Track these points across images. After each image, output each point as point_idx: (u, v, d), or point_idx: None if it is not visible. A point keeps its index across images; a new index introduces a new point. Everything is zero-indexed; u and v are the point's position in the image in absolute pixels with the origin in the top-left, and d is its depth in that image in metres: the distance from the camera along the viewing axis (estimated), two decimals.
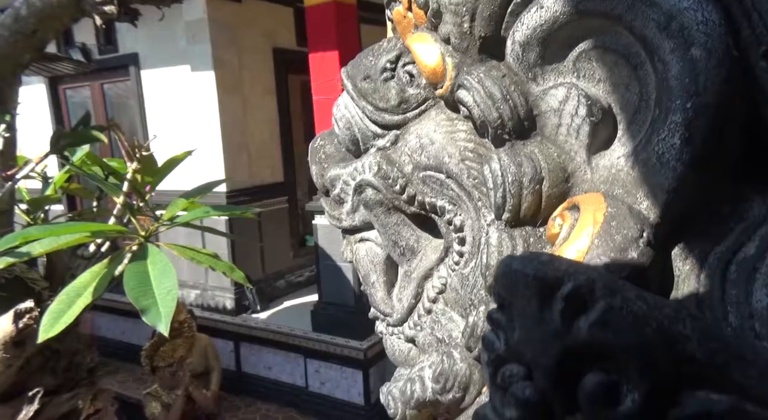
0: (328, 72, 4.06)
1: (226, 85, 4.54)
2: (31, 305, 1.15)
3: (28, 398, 1.23)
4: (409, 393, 0.64)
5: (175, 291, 1.14)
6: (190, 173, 3.24)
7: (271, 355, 4.56)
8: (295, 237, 5.43)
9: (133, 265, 1.17)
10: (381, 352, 4.18)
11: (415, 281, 0.68)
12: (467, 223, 0.64)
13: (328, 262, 4.27)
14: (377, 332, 0.77)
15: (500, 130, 0.59)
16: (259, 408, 4.44)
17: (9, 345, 1.15)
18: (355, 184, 0.75)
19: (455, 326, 0.63)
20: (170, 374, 3.69)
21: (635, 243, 0.49)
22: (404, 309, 0.69)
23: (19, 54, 1.23)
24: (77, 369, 1.40)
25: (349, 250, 0.81)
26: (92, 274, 1.21)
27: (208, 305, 4.87)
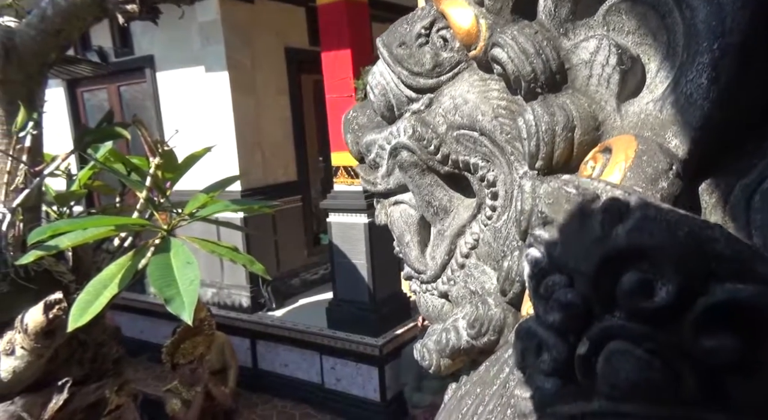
0: (340, 70, 4.09)
1: (240, 85, 4.59)
2: (59, 297, 1.19)
3: (58, 388, 1.27)
4: (444, 341, 0.66)
5: (197, 281, 1.16)
6: (205, 173, 3.29)
7: (287, 352, 4.60)
8: (309, 235, 5.47)
9: (156, 258, 1.20)
10: (396, 349, 4.20)
11: (448, 239, 0.70)
12: (500, 177, 0.66)
13: (342, 259, 4.29)
14: (410, 291, 0.79)
15: (533, 83, 0.62)
16: (276, 405, 4.48)
17: (39, 335, 1.18)
18: (391, 147, 0.78)
19: (488, 278, 0.65)
20: (190, 371, 3.74)
21: (665, 174, 0.51)
22: (437, 266, 0.71)
23: (45, 53, 1.27)
24: (103, 360, 1.44)
25: (383, 213, 0.83)
26: (118, 266, 1.24)
27: (224, 303, 4.92)
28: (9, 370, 1.25)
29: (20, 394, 1.27)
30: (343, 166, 4.23)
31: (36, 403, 1.27)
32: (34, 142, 1.27)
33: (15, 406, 1.24)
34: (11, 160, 1.25)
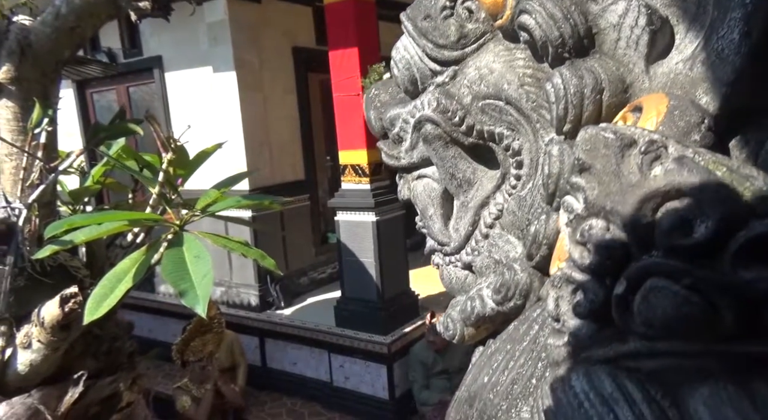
0: (347, 69, 4.09)
1: (248, 84, 4.61)
2: (75, 291, 1.20)
3: (74, 381, 1.29)
4: (469, 309, 0.67)
5: (211, 275, 1.18)
6: (213, 172, 3.32)
7: (296, 350, 4.62)
8: (317, 234, 5.48)
9: (170, 252, 1.21)
10: (405, 347, 4.20)
11: (472, 210, 0.71)
12: (525, 146, 0.67)
13: (350, 258, 4.30)
14: (433, 265, 0.80)
15: (561, 48, 0.62)
16: (285, 403, 4.50)
17: (56, 328, 1.20)
18: (415, 120, 0.79)
19: (512, 247, 0.66)
20: (200, 369, 3.77)
21: (698, 128, 0.52)
22: (461, 237, 0.72)
23: (60, 51, 1.28)
24: (117, 353, 1.46)
25: (406, 188, 0.84)
26: (132, 260, 1.25)
27: (233, 302, 4.95)
28: (26, 363, 1.26)
29: (37, 387, 1.29)
30: (351, 164, 4.23)
31: (52, 395, 1.29)
32: (48, 139, 1.29)
33: (32, 398, 1.26)
34: (27, 157, 1.27)
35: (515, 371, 0.53)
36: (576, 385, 0.41)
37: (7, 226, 1.24)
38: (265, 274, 4.89)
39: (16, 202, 1.27)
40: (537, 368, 0.51)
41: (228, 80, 4.52)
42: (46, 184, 1.27)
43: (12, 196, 1.29)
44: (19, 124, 1.29)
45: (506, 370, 0.53)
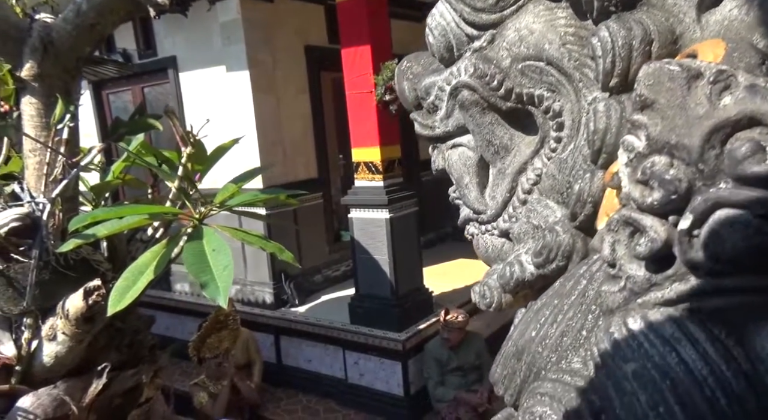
0: (360, 67, 4.10)
1: (261, 83, 4.64)
2: (98, 283, 1.22)
3: (97, 372, 1.31)
4: (508, 274, 0.66)
5: (231, 267, 1.19)
6: (227, 171, 3.35)
7: (311, 347, 4.64)
8: (330, 232, 5.50)
9: (190, 245, 1.23)
10: (419, 344, 4.20)
11: (509, 176, 0.70)
12: (566, 107, 0.66)
13: (364, 255, 4.31)
14: (468, 235, 0.80)
15: (607, 2, 0.61)
16: (300, 399, 4.52)
17: (80, 321, 1.22)
18: (451, 87, 0.78)
19: (551, 212, 0.65)
20: (216, 365, 3.81)
21: (758, 68, 0.50)
22: (498, 204, 0.72)
23: (80, 47, 1.31)
24: (139, 346, 1.48)
25: (440, 158, 0.83)
26: (153, 253, 1.27)
27: (248, 300, 4.98)
28: (51, 354, 1.29)
29: (62, 379, 1.31)
30: (364, 161, 4.24)
31: (77, 387, 1.31)
32: (70, 135, 1.31)
33: (58, 389, 1.28)
34: (50, 152, 1.29)
35: (564, 324, 0.52)
36: (634, 328, 0.40)
37: (32, 220, 1.26)
38: (280, 272, 4.92)
39: (40, 196, 1.29)
40: (587, 320, 0.50)
41: (241, 79, 4.55)
42: (68, 179, 1.30)
43: (36, 191, 1.31)
44: (42, 120, 1.31)
45: (555, 324, 0.52)
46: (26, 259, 1.25)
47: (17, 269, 1.25)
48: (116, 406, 1.46)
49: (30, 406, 1.25)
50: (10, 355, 1.26)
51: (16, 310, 1.27)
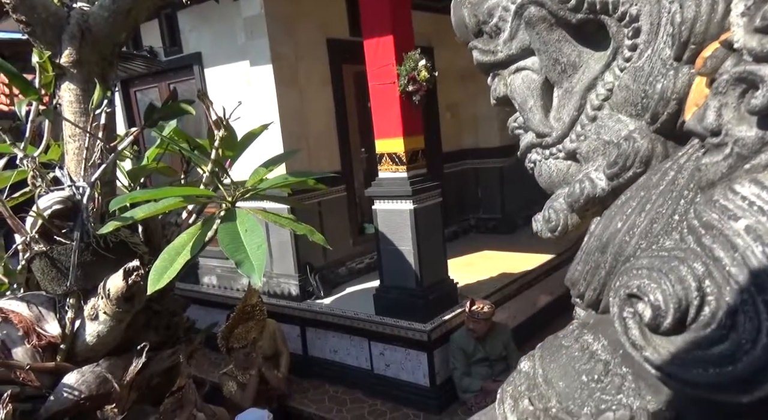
0: (383, 58, 4.10)
1: (284, 77, 4.68)
2: (137, 264, 1.25)
3: (137, 352, 1.34)
4: (578, 191, 0.64)
5: (264, 246, 1.20)
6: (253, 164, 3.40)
7: (336, 338, 4.67)
8: (354, 225, 5.52)
9: (224, 226, 1.25)
10: (445, 335, 4.19)
11: (577, 94, 0.69)
12: (644, 10, 0.64)
13: (388, 246, 4.32)
14: (529, 164, 0.77)
15: None
16: (327, 390, 4.56)
17: (120, 300, 1.25)
18: (516, 5, 0.76)
19: (623, 126, 0.64)
20: (244, 355, 3.87)
21: None
22: (565, 125, 0.70)
23: (117, 33, 1.34)
24: (176, 328, 1.51)
25: (501, 84, 0.82)
26: (189, 235, 1.30)
27: (274, 292, 5.04)
28: (93, 334, 1.33)
29: (103, 358, 1.35)
30: (388, 153, 4.24)
31: (118, 365, 1.35)
32: (108, 120, 1.34)
33: (100, 367, 1.32)
34: (89, 137, 1.33)
35: (653, 212, 0.51)
36: (743, 191, 0.39)
37: (73, 203, 1.30)
38: (305, 264, 4.97)
39: (80, 181, 1.33)
40: (679, 206, 0.49)
41: (265, 74, 4.59)
42: (106, 164, 1.33)
43: (76, 175, 1.35)
44: (80, 106, 1.35)
45: (643, 213, 0.51)
46: (68, 241, 1.29)
47: (60, 251, 1.29)
48: (155, 386, 1.49)
49: (75, 383, 1.29)
50: (55, 334, 1.31)
51: (60, 290, 1.31)
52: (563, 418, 0.41)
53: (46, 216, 1.26)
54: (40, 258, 1.30)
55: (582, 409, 0.42)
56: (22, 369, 1.25)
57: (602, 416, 0.41)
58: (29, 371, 1.26)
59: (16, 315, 1.32)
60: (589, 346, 0.48)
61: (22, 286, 1.47)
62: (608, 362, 0.46)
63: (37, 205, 1.27)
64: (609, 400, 0.42)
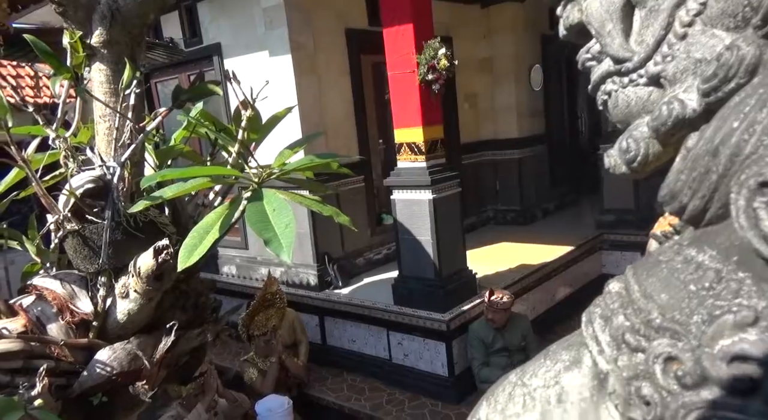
0: (402, 47, 4.08)
1: (303, 67, 4.68)
2: (166, 243, 1.27)
3: (166, 330, 1.36)
4: (666, 113, 0.59)
5: (293, 225, 1.20)
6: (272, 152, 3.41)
7: (355, 328, 4.69)
8: (372, 215, 5.53)
9: (252, 205, 1.25)
10: (463, 325, 4.18)
11: (664, 12, 0.65)
12: None
13: (407, 236, 4.31)
14: (602, 96, 0.73)
15: None
16: (345, 378, 4.59)
17: (150, 278, 1.27)
18: None
19: (718, 41, 0.59)
20: (264, 342, 3.91)
21: None
22: (649, 47, 0.66)
23: (145, 14, 1.35)
24: (203, 308, 1.53)
25: (576, 10, 0.76)
26: (217, 214, 1.30)
27: (292, 282, 5.08)
28: (124, 312, 1.35)
29: (134, 336, 1.37)
30: (407, 142, 4.23)
31: (148, 343, 1.37)
32: (137, 100, 1.35)
33: (131, 344, 1.34)
34: (119, 118, 1.34)
35: None
36: None
37: (104, 182, 1.31)
38: (323, 254, 4.99)
39: (110, 161, 1.34)
40: None
41: (284, 64, 4.61)
42: (136, 144, 1.34)
43: (106, 155, 1.36)
44: (111, 86, 1.36)
45: (764, 108, 0.48)
46: (100, 220, 1.31)
47: (92, 229, 1.31)
48: (183, 364, 1.51)
49: (107, 359, 1.31)
50: (87, 311, 1.33)
51: (92, 268, 1.33)
52: (669, 327, 0.39)
53: (78, 195, 1.28)
54: (72, 236, 1.32)
55: (691, 318, 0.40)
56: (56, 344, 1.27)
57: (719, 321, 0.39)
58: (63, 347, 1.28)
59: (50, 292, 1.35)
60: (693, 258, 0.46)
61: (54, 265, 1.50)
62: (719, 270, 0.44)
63: (70, 184, 1.29)
64: (725, 305, 0.40)
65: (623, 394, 0.38)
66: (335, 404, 4.25)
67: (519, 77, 6.54)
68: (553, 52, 6.99)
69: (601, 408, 0.39)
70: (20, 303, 1.35)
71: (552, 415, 0.42)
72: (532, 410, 0.43)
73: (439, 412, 3.95)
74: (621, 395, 0.38)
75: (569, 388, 0.41)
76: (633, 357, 0.37)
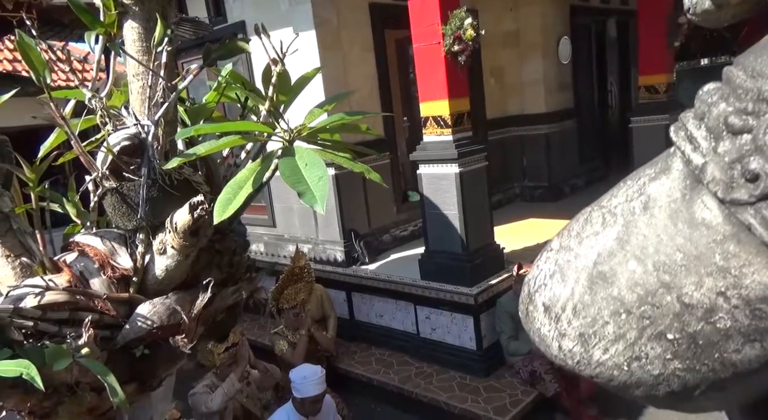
0: (428, 17, 4.01)
1: (327, 43, 4.66)
2: (202, 199, 1.28)
3: (203, 286, 1.38)
4: None
5: (326, 178, 1.20)
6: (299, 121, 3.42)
7: (382, 303, 4.73)
8: (398, 192, 5.52)
9: (284, 160, 1.26)
10: (491, 299, 4.17)
11: None
12: None
13: (433, 210, 4.29)
14: None
15: None
16: (373, 353, 4.64)
17: (187, 234, 1.29)
18: None
19: None
20: (294, 315, 3.97)
21: None
22: None
23: None
24: (238, 266, 1.55)
25: None
26: (249, 170, 1.32)
27: (320, 258, 5.13)
28: (162, 268, 1.38)
29: (172, 292, 1.40)
30: (433, 116, 4.18)
31: (186, 299, 1.40)
32: (169, 58, 1.37)
33: (169, 300, 1.38)
34: (151, 75, 1.36)
35: None
36: None
37: (139, 140, 1.33)
38: (349, 231, 5.02)
39: (144, 119, 1.36)
40: None
41: (308, 40, 4.58)
42: (169, 102, 1.36)
43: (141, 114, 1.38)
44: (143, 44, 1.38)
45: None
46: (136, 177, 1.33)
47: (129, 186, 1.33)
48: (219, 322, 1.54)
49: (147, 313, 1.35)
50: (127, 267, 1.36)
51: (130, 225, 1.36)
52: None
53: (115, 152, 1.30)
54: (111, 194, 1.35)
55: None
56: (100, 298, 1.31)
57: None
58: (106, 301, 1.32)
59: (92, 248, 1.39)
60: None
61: (93, 225, 1.54)
62: None
63: (107, 142, 1.31)
64: None
65: (724, 179, 0.36)
66: (364, 377, 4.31)
67: (546, 50, 6.37)
68: (582, 23, 6.78)
69: (695, 203, 0.38)
70: (64, 259, 1.40)
71: (636, 224, 0.40)
72: (613, 225, 0.42)
73: (467, 385, 3.97)
74: (721, 180, 0.36)
75: (656, 195, 0.39)
76: (737, 139, 0.35)
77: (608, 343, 0.44)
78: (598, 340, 0.44)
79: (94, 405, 1.36)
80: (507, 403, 3.69)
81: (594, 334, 0.44)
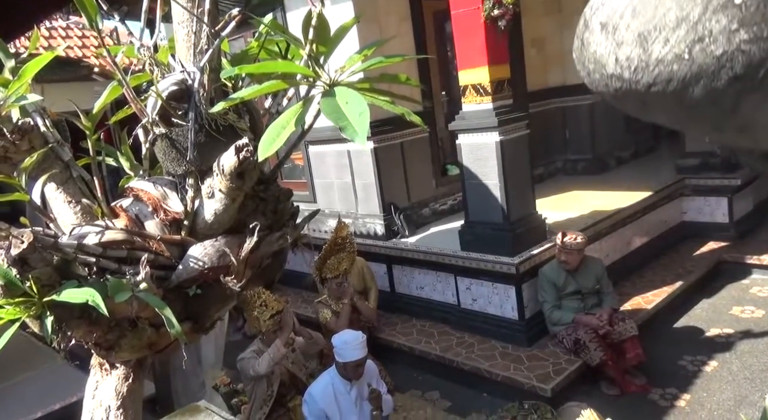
0: None
1: (364, 13, 4.63)
2: (246, 141, 1.31)
3: (250, 231, 1.42)
4: None
5: (366, 113, 1.21)
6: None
7: (422, 275, 4.73)
8: (437, 166, 5.48)
9: (325, 99, 1.27)
10: (533, 269, 4.10)
11: None
12: None
13: (473, 181, 4.24)
14: None
15: None
16: (414, 324, 4.67)
17: (233, 176, 1.32)
18: None
19: None
20: (337, 285, 4.04)
21: None
22: None
23: None
24: (281, 214, 1.58)
25: None
26: (291, 112, 1.33)
27: (360, 232, 5.17)
28: (211, 211, 1.42)
29: (221, 235, 1.45)
30: (472, 84, 4.11)
31: (234, 243, 1.44)
32: (212, 5, 1.39)
33: (219, 242, 1.42)
34: (196, 22, 1.39)
35: None
36: None
37: (186, 86, 1.37)
38: (389, 204, 5.03)
39: (190, 66, 1.40)
40: None
41: (345, 10, 4.58)
42: (213, 49, 1.38)
43: (186, 61, 1.42)
44: None
45: None
46: (184, 123, 1.37)
47: (178, 132, 1.38)
48: (266, 267, 1.59)
49: (198, 255, 1.40)
50: (179, 211, 1.42)
51: (180, 170, 1.40)
52: None
53: (164, 97, 1.34)
54: (161, 139, 1.40)
55: None
56: (154, 239, 1.37)
57: None
58: (160, 242, 1.38)
59: (146, 193, 1.45)
60: None
61: (146, 174, 1.60)
62: None
63: (156, 87, 1.36)
64: None
65: None
66: (405, 346, 4.35)
67: None
68: None
69: None
70: (120, 204, 1.46)
71: None
72: None
73: (509, 354, 3.94)
74: None
75: None
76: None
77: (669, 32, 0.43)
78: (658, 32, 0.43)
79: (153, 340, 1.43)
80: (550, 371, 3.64)
81: (654, 28, 0.44)
